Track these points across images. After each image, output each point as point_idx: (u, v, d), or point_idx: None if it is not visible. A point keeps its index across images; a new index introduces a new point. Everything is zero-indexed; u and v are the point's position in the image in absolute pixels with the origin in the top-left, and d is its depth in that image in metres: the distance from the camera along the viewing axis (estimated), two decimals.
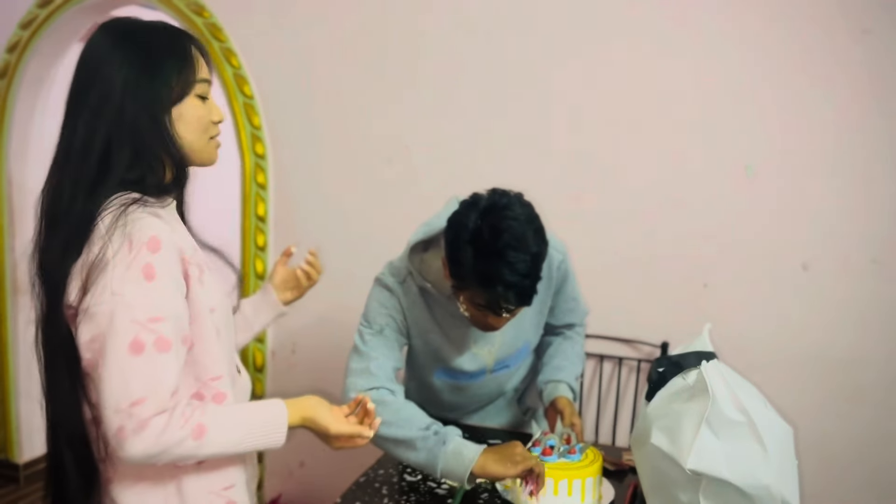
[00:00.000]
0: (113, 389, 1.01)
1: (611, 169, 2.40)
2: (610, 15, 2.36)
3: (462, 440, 1.52)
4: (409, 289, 1.70)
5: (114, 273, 1.03)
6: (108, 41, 1.11)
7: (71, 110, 1.11)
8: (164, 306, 1.05)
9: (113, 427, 1.02)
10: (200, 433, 1.06)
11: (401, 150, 2.65)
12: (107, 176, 1.08)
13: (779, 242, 2.27)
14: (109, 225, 1.05)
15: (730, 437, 1.30)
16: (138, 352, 1.02)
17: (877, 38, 2.13)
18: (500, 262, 1.44)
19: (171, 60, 1.13)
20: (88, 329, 1.04)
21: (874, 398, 2.22)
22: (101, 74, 1.09)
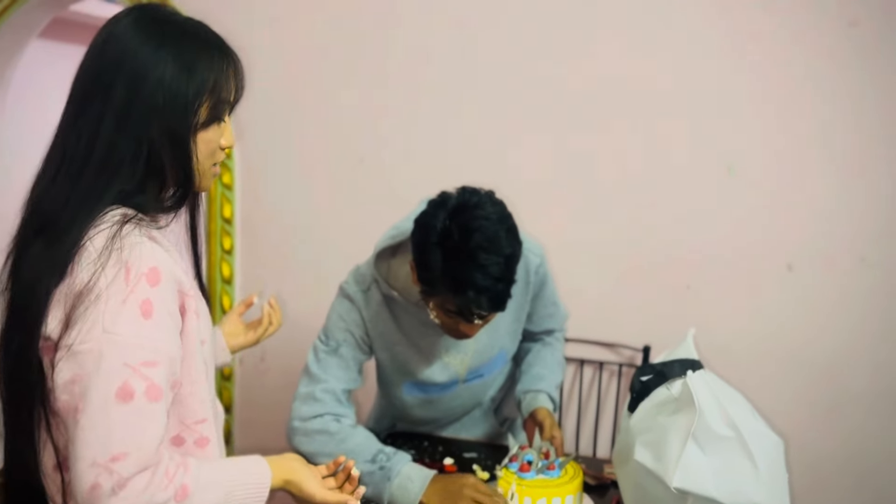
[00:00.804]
0: (91, 440, 0.87)
1: (590, 168, 2.33)
2: (589, 12, 2.29)
3: (408, 474, 1.45)
4: (372, 298, 1.61)
5: (107, 307, 0.89)
6: (145, 34, 0.98)
7: (82, 102, 0.98)
8: (159, 349, 0.92)
9: (86, 483, 0.87)
10: (184, 495, 0.93)
11: (373, 149, 2.56)
12: (108, 185, 0.96)
13: (763, 243, 2.21)
14: (103, 247, 0.92)
15: (717, 452, 1.23)
16: (126, 400, 0.89)
17: (863, 30, 2.07)
18: (472, 265, 1.35)
19: (213, 76, 1.01)
20: (70, 368, 0.89)
21: (861, 400, 2.18)
22: (133, 71, 0.96)
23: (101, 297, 0.90)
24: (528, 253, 1.66)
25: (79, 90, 0.99)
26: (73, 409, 0.89)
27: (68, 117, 0.99)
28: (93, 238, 0.93)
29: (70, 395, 0.90)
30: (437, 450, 1.75)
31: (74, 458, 0.88)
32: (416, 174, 2.49)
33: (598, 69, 2.30)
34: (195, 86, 0.99)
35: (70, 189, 0.95)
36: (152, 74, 0.96)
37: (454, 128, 2.46)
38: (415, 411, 1.76)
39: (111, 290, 0.90)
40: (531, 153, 2.38)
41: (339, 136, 2.60)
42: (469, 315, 1.42)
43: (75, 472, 0.88)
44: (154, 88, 0.96)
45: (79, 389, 0.89)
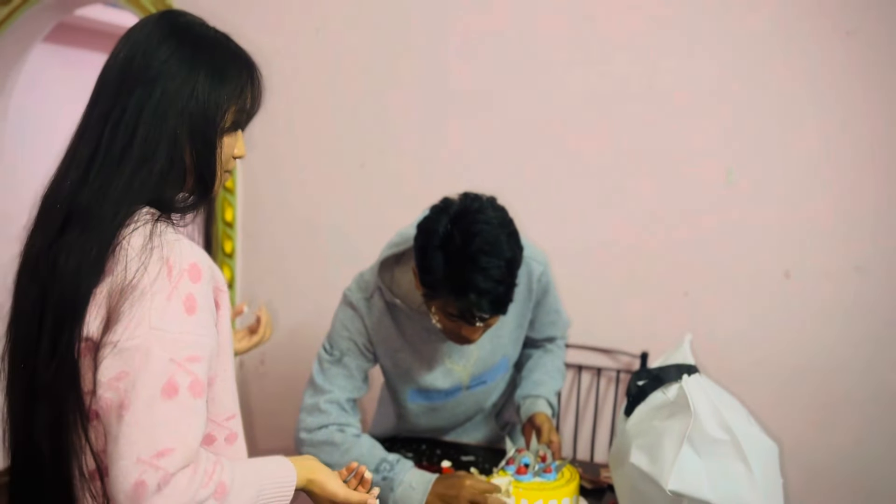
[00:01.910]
0: (136, 437, 0.87)
1: (589, 175, 2.35)
2: (591, 19, 2.31)
3: (409, 482, 1.47)
4: (375, 305, 1.62)
5: (152, 303, 0.89)
6: (177, 40, 1.00)
7: (117, 98, 0.97)
8: (202, 344, 0.93)
9: (130, 481, 0.86)
10: (222, 493, 0.94)
11: (374, 153, 2.58)
12: (145, 181, 0.96)
13: (760, 249, 2.22)
14: (142, 245, 0.92)
15: (712, 456, 1.24)
16: (171, 395, 0.89)
17: (860, 39, 2.09)
18: (473, 269, 1.37)
19: (240, 85, 1.05)
20: (116, 365, 0.89)
21: (857, 407, 2.18)
22: (171, 74, 0.98)
23: (145, 294, 0.90)
24: (532, 261, 1.68)
25: (112, 87, 0.99)
26: (117, 406, 0.88)
27: (100, 113, 0.98)
28: (129, 237, 0.93)
29: (115, 392, 0.89)
30: (435, 452, 1.76)
31: (117, 456, 0.87)
32: (416, 179, 2.51)
33: (599, 77, 2.31)
34: (226, 91, 1.02)
35: (108, 184, 0.95)
36: (190, 78, 0.99)
37: (456, 133, 2.47)
38: (419, 420, 1.78)
39: (155, 287, 0.90)
40: (531, 159, 2.39)
41: (340, 141, 2.62)
42: (471, 318, 1.43)
43: (118, 470, 0.87)
44: (190, 91, 0.98)
45: (124, 386, 0.88)
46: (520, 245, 1.46)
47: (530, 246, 1.71)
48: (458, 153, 2.47)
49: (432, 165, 2.49)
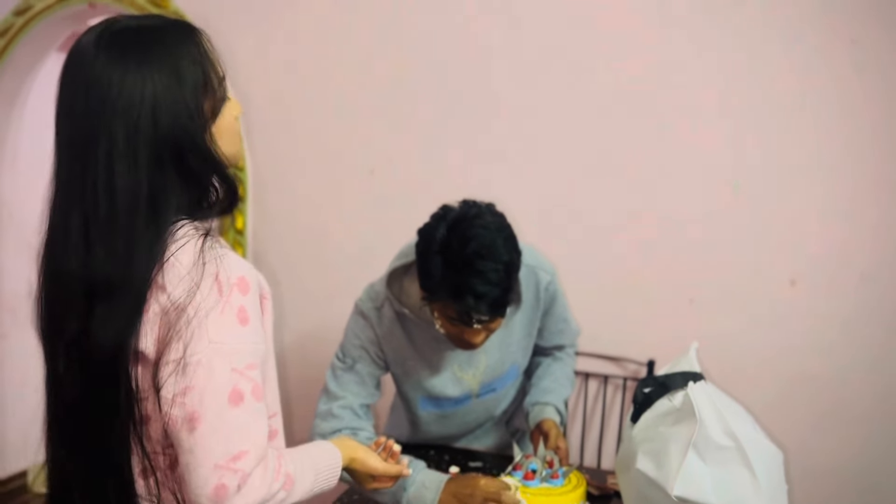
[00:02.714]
0: (212, 445, 0.91)
1: (596, 185, 2.36)
2: (595, 31, 2.33)
3: (422, 481, 1.49)
4: (384, 315, 1.66)
5: (208, 319, 0.93)
6: (118, 58, 0.93)
7: (83, 153, 0.93)
8: (257, 351, 0.98)
9: (211, 485, 0.91)
10: (290, 483, 1.01)
11: (383, 161, 2.60)
12: (143, 214, 0.94)
13: (766, 258, 2.24)
14: (192, 263, 0.94)
15: (717, 462, 1.25)
16: (238, 403, 0.93)
17: (865, 48, 2.10)
18: (470, 272, 1.40)
19: (199, 69, 0.98)
20: (180, 382, 0.92)
21: (862, 415, 2.19)
22: (125, 105, 0.92)
23: (200, 310, 0.93)
24: (539, 270, 1.71)
25: (74, 137, 0.95)
26: (187, 419, 0.91)
27: (73, 173, 0.94)
28: (177, 254, 0.94)
29: (181, 407, 0.92)
30: (444, 458, 1.78)
31: (195, 464, 0.91)
32: (425, 186, 2.53)
33: (603, 88, 2.33)
34: (189, 89, 0.97)
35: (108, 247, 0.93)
36: (145, 100, 0.93)
37: (463, 141, 2.49)
38: (431, 428, 1.80)
39: (209, 303, 0.93)
40: (539, 168, 2.41)
41: (350, 149, 2.64)
42: (469, 320, 1.45)
43: (197, 477, 0.91)
44: (152, 112, 0.93)
45: (191, 400, 0.91)
46: (517, 249, 1.49)
47: (538, 256, 1.73)
48: (465, 161, 2.49)
49: (440, 173, 2.52)
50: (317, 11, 2.63)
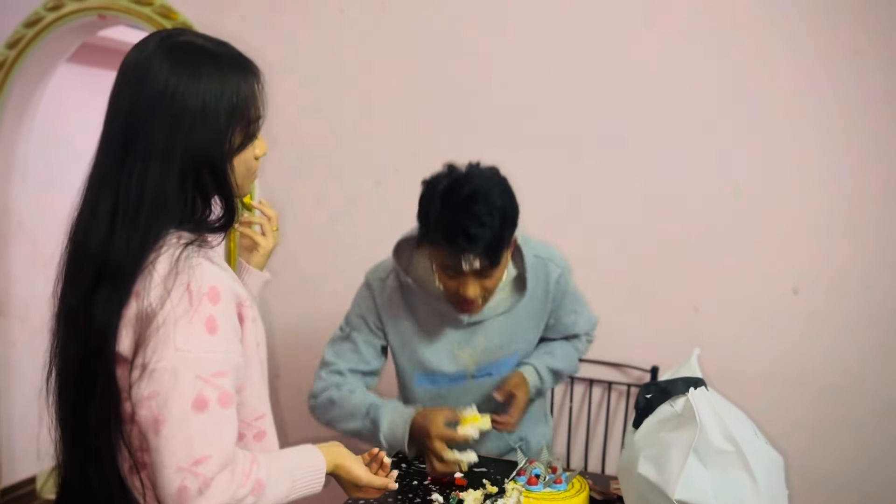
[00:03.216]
0: (174, 448, 0.95)
1: (599, 192, 2.38)
2: (597, 37, 2.36)
3: (392, 421, 1.64)
4: (388, 285, 1.74)
5: (176, 327, 0.97)
6: (173, 67, 1.02)
7: (125, 146, 1.01)
8: (226, 360, 1.01)
9: (174, 487, 0.95)
10: (260, 489, 1.02)
11: (389, 172, 2.63)
12: (163, 225, 1.02)
13: (769, 266, 2.25)
14: (167, 273, 0.98)
15: (718, 466, 1.27)
16: (202, 409, 0.97)
17: (867, 59, 2.12)
18: (464, 214, 1.49)
19: (242, 100, 1.06)
20: (147, 385, 0.97)
21: (865, 423, 2.20)
22: (170, 113, 1.00)
23: (168, 318, 0.97)
24: (550, 263, 1.75)
25: (119, 132, 1.02)
26: (153, 421, 0.96)
27: (113, 163, 1.02)
28: (155, 263, 1.00)
29: (149, 409, 0.97)
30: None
31: (160, 465, 0.96)
32: None
33: (608, 95, 2.36)
34: (226, 116, 1.04)
35: (132, 237, 1.00)
36: (187, 113, 1.01)
37: (468, 151, 2.50)
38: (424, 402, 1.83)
39: (178, 312, 0.97)
40: (542, 177, 2.43)
41: (355, 160, 2.67)
42: (460, 266, 1.52)
43: (162, 478, 0.96)
44: (191, 126, 1.01)
45: (157, 404, 0.96)
46: (513, 202, 1.57)
47: (550, 249, 1.78)
48: None
49: None
50: (324, 28, 2.66)
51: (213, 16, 2.79)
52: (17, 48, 3.04)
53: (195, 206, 1.06)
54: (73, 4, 2.93)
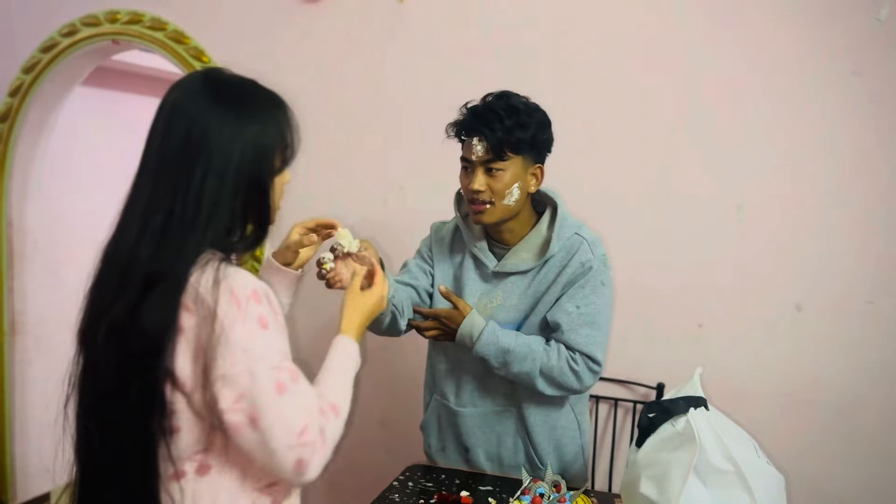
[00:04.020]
0: (278, 433, 1.06)
1: (604, 210, 2.40)
2: (601, 56, 2.39)
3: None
4: (445, 228, 1.97)
5: (233, 331, 1.06)
6: (225, 105, 1.14)
7: (180, 165, 1.11)
8: (281, 346, 1.12)
9: (290, 463, 1.07)
10: (336, 412, 1.15)
11: (396, 190, 2.67)
12: (212, 236, 1.11)
13: (773, 283, 2.27)
14: (212, 285, 1.07)
15: (718, 486, 1.29)
16: (283, 391, 1.07)
17: (866, 80, 2.15)
18: (484, 105, 1.73)
19: (282, 127, 1.19)
20: (231, 392, 1.06)
21: (869, 441, 2.20)
22: (225, 137, 1.12)
23: (225, 325, 1.06)
24: (587, 245, 1.80)
25: (176, 159, 1.11)
26: (249, 420, 1.06)
27: (169, 183, 1.10)
28: (198, 280, 1.08)
29: (241, 412, 1.06)
30: (455, 482, 1.82)
31: (270, 452, 1.07)
32: (440, 213, 2.58)
33: (608, 114, 2.39)
34: (272, 139, 1.17)
35: (183, 247, 1.09)
36: (240, 139, 1.12)
37: None
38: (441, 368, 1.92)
39: (230, 317, 1.06)
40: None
41: (364, 178, 2.71)
42: (470, 154, 1.72)
43: (275, 461, 1.07)
44: (242, 152, 1.12)
45: (247, 404, 1.06)
46: (539, 118, 1.74)
47: (598, 243, 1.84)
48: None
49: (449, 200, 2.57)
50: (332, 51, 2.71)
51: (225, 41, 2.85)
52: (34, 73, 3.11)
53: (234, 224, 1.15)
54: (88, 30, 3.00)
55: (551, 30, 2.44)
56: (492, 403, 1.87)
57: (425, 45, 2.59)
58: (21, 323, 3.37)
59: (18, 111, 3.16)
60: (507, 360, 1.74)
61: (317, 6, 2.71)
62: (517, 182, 1.73)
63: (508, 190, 1.73)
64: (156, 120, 1.15)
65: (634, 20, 2.35)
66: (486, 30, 2.51)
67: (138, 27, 2.93)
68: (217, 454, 1.12)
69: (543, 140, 1.76)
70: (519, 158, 1.72)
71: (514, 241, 1.85)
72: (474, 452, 1.90)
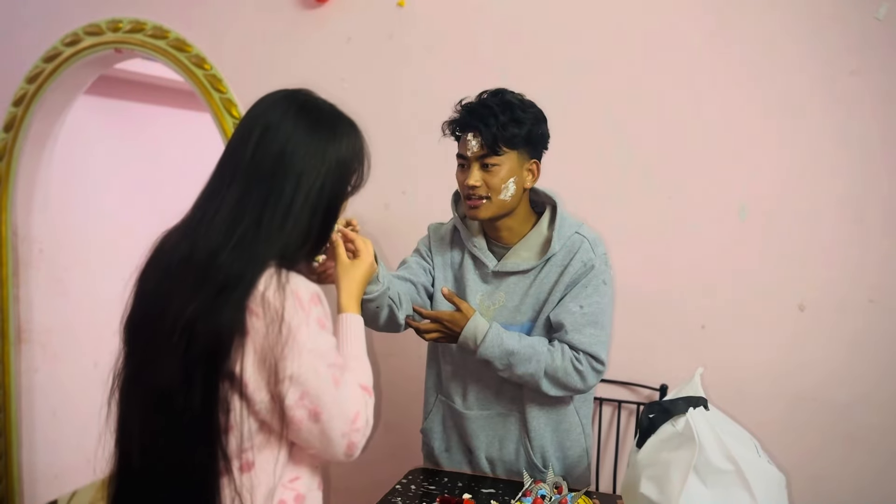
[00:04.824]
0: (336, 423, 1.16)
1: (606, 212, 2.41)
2: (600, 56, 2.40)
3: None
4: (444, 228, 1.98)
5: (300, 333, 1.13)
6: (315, 130, 1.22)
7: (271, 180, 1.17)
8: (334, 343, 1.21)
9: (342, 448, 1.18)
10: (370, 391, 1.25)
11: (397, 194, 2.68)
12: (284, 249, 1.17)
13: (775, 283, 2.27)
14: (275, 291, 1.13)
15: (718, 485, 1.29)
16: (339, 384, 1.17)
17: (865, 79, 2.15)
18: (479, 102, 1.75)
19: (363, 157, 1.30)
20: (297, 390, 1.13)
21: (872, 440, 2.19)
22: (314, 164, 1.20)
23: (291, 327, 1.12)
24: (588, 244, 1.81)
25: (267, 175, 1.18)
26: (312, 415, 1.14)
27: (260, 197, 1.17)
28: (264, 284, 1.13)
29: (304, 408, 1.14)
30: (458, 485, 1.82)
31: (327, 442, 1.17)
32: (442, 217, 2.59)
33: (613, 115, 2.39)
34: (352, 164, 1.27)
35: (260, 253, 1.15)
36: (329, 161, 1.22)
37: None
38: (447, 370, 1.91)
39: (296, 320, 1.13)
40: None
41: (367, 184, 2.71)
42: (466, 150, 1.75)
43: (332, 447, 1.17)
44: (328, 172, 1.22)
45: (311, 400, 1.14)
46: (534, 115, 1.75)
47: (599, 241, 1.84)
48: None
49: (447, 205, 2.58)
50: (331, 56, 2.72)
51: (227, 48, 2.87)
52: (37, 82, 3.13)
53: (306, 238, 1.21)
54: (90, 39, 3.02)
55: (550, 32, 2.44)
56: (498, 406, 1.88)
57: (425, 50, 2.60)
58: (27, 331, 3.39)
59: (23, 121, 3.18)
60: (511, 362, 1.73)
61: (316, 11, 2.73)
62: (513, 177, 1.74)
63: (504, 185, 1.74)
64: (243, 134, 1.21)
65: (634, 20, 2.36)
66: (486, 33, 2.52)
67: (140, 36, 2.95)
68: (258, 451, 1.18)
69: (538, 135, 1.78)
70: (514, 153, 1.74)
71: (514, 240, 1.85)
72: (477, 455, 1.90)
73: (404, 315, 1.80)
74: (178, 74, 2.98)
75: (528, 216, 1.86)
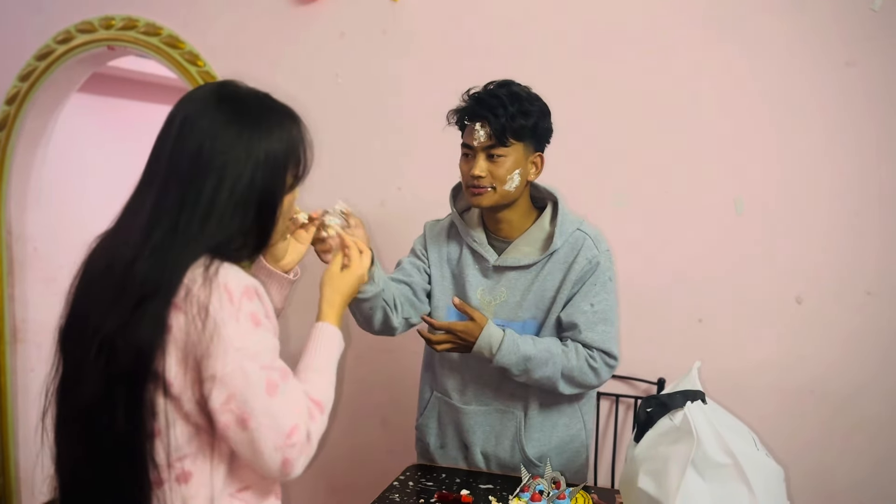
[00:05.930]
0: (267, 434, 1.05)
1: (601, 206, 2.40)
2: (594, 50, 2.39)
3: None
4: (440, 225, 1.96)
5: (226, 329, 1.04)
6: (239, 121, 1.12)
7: (192, 180, 1.08)
8: (273, 345, 1.10)
9: (276, 463, 1.06)
10: (321, 409, 1.15)
11: (393, 191, 2.67)
12: (213, 248, 1.09)
13: (772, 276, 2.26)
14: (204, 283, 1.05)
15: (716, 479, 1.29)
16: (274, 392, 1.06)
17: (860, 70, 2.14)
18: (486, 92, 1.74)
19: (299, 148, 1.18)
20: (222, 391, 1.04)
21: (870, 432, 2.19)
22: (236, 159, 1.10)
23: (218, 322, 1.03)
24: (590, 240, 1.80)
25: (184, 175, 1.09)
26: (238, 421, 1.04)
27: (176, 199, 1.08)
28: (190, 277, 1.05)
29: (230, 412, 1.04)
30: (455, 481, 1.82)
31: (257, 453, 1.05)
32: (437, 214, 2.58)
33: (608, 109, 2.39)
34: (285, 156, 1.15)
35: (183, 258, 1.06)
36: (255, 156, 1.11)
37: None
38: (444, 366, 1.89)
39: (223, 315, 1.04)
40: None
41: (361, 180, 2.71)
42: (472, 140, 1.73)
43: (262, 462, 1.06)
44: (256, 167, 1.11)
45: (238, 405, 1.04)
46: (539, 107, 1.75)
47: (601, 237, 1.84)
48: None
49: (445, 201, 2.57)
50: (325, 53, 2.71)
51: (220, 45, 2.85)
52: (30, 80, 3.11)
53: (235, 236, 1.12)
54: (83, 37, 3.00)
55: (545, 28, 2.43)
56: (497, 402, 1.87)
57: (419, 45, 2.59)
58: (22, 331, 3.37)
59: (15, 119, 3.16)
60: (528, 367, 1.73)
61: (309, 8, 2.71)
62: (518, 169, 1.74)
63: (510, 176, 1.73)
64: (164, 132, 1.13)
65: (629, 15, 2.35)
66: (480, 28, 2.51)
67: (133, 33, 2.93)
68: (196, 460, 1.09)
69: (544, 128, 1.78)
70: (520, 145, 1.74)
71: (513, 234, 1.84)
72: (473, 450, 1.89)
73: (399, 318, 1.80)
74: (172, 71, 2.96)
75: (528, 210, 1.86)
